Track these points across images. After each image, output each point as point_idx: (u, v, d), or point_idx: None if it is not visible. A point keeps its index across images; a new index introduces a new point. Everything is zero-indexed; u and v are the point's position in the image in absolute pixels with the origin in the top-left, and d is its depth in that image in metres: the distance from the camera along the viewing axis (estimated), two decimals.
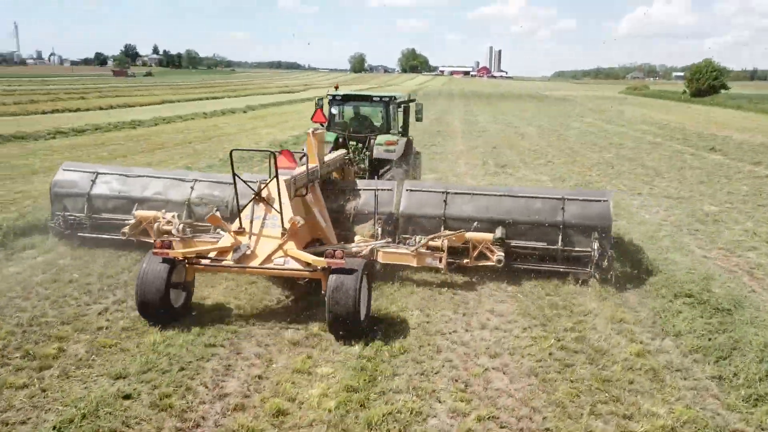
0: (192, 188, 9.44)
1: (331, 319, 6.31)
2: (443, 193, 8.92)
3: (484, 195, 8.95)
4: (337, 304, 6.21)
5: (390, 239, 8.57)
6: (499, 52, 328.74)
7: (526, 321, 7.14)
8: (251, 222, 7.13)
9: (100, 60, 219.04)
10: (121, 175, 9.81)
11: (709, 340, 6.54)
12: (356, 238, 8.57)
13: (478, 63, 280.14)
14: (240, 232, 7.06)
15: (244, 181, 7.32)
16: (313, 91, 66.84)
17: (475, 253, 8.30)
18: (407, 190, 9.10)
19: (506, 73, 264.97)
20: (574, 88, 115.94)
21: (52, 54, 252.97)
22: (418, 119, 13.14)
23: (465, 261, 8.36)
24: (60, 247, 9.37)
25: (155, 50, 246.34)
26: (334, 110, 12.46)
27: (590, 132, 31.74)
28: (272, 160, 7.23)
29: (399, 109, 12.78)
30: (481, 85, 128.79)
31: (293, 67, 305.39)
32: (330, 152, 10.54)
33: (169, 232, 8.58)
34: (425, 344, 6.41)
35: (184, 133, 27.00)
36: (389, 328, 6.79)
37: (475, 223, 8.58)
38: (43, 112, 35.19)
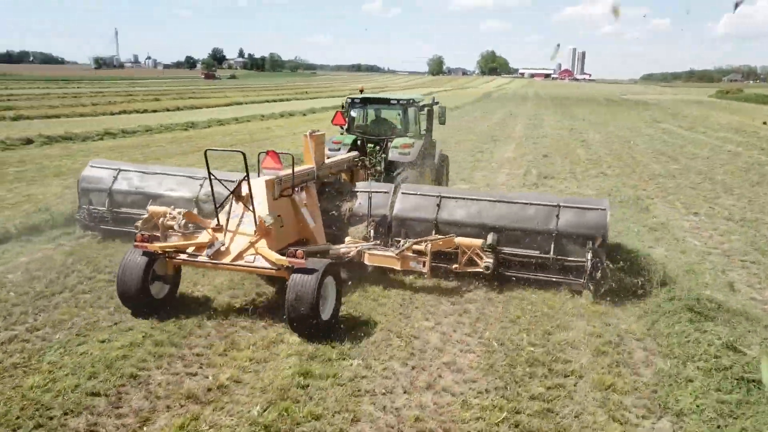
0: (201, 186, 9.85)
1: (290, 317, 6.40)
2: (437, 197, 8.83)
3: (478, 200, 8.74)
4: (296, 302, 6.29)
5: (379, 241, 8.48)
6: (583, 53, 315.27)
7: (487, 381, 5.74)
8: (228, 220, 7.25)
9: (190, 63, 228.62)
10: (140, 172, 10.40)
11: (719, 427, 4.94)
12: (346, 239, 8.54)
13: (560, 65, 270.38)
14: (217, 228, 7.24)
15: (220, 180, 7.39)
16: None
17: (464, 259, 8.09)
18: (402, 193, 9.04)
19: (589, 75, 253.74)
20: (660, 92, 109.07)
21: (148, 57, 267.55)
22: (441, 122, 12.91)
23: (454, 266, 8.22)
24: (18, 259, 8.87)
25: (240, 54, 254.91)
26: (354, 113, 12.45)
27: (663, 139, 28.98)
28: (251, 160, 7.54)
29: (421, 113, 12.54)
30: (560, 88, 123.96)
31: (372, 69, 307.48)
32: (345, 154, 10.77)
33: (172, 227, 8.59)
34: (344, 409, 5.17)
35: (231, 136, 26.85)
36: (314, 381, 5.63)
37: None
38: (111, 113, 36.33)
